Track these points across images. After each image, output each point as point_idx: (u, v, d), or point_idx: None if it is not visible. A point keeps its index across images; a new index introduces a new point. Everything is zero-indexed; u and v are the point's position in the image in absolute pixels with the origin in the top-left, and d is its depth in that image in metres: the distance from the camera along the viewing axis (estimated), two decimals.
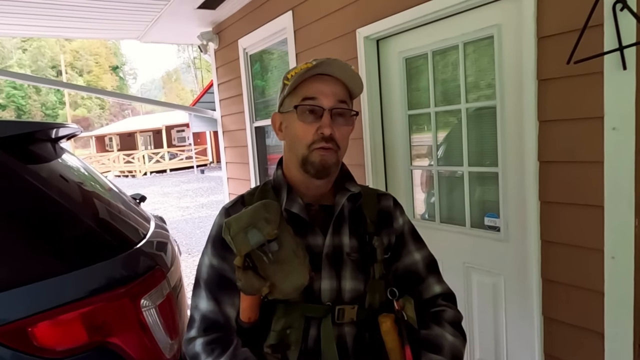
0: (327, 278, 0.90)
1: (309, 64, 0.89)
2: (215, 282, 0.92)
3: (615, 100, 1.36)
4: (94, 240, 1.42)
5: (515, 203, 1.78)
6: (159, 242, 1.72)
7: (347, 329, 0.90)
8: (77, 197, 1.58)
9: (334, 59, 0.89)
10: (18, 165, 1.39)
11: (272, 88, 3.49)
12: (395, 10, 2.07)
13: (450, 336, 0.91)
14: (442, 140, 2.14)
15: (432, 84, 2.07)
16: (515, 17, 1.66)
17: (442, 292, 1.00)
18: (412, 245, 1.02)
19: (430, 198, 2.26)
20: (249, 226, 0.81)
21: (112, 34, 4.31)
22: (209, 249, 0.95)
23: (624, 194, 1.36)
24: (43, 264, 1.30)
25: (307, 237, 0.91)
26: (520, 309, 1.82)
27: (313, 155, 0.89)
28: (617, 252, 1.40)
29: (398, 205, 1.05)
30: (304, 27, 2.78)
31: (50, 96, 38.49)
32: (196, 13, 3.54)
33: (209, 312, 0.91)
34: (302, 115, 0.90)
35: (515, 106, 1.72)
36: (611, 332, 1.45)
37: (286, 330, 0.87)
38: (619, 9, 1.29)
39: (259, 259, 0.83)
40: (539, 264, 1.65)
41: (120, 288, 1.35)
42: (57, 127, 1.63)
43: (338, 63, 0.89)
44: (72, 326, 1.26)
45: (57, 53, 39.35)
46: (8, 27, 3.68)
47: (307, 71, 0.89)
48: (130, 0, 3.14)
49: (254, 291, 0.82)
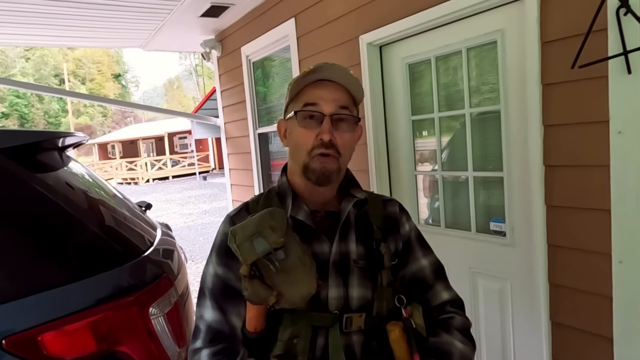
0: (335, 286, 0.89)
1: (307, 69, 0.89)
2: (220, 291, 0.91)
3: (620, 104, 1.36)
4: (102, 249, 1.42)
5: (520, 207, 1.78)
6: (166, 249, 1.72)
7: (355, 338, 0.89)
8: (83, 205, 1.59)
9: (333, 64, 0.89)
10: (26, 174, 1.40)
11: (275, 94, 3.50)
12: (398, 16, 2.08)
13: (460, 343, 0.90)
14: (446, 145, 2.14)
15: (436, 89, 2.07)
16: (518, 22, 1.67)
17: (450, 299, 0.98)
18: (419, 251, 1.01)
19: (434, 203, 2.26)
20: (255, 234, 0.80)
21: (115, 42, 4.34)
22: (214, 257, 0.93)
23: (630, 197, 1.36)
24: (51, 273, 1.31)
25: (313, 245, 0.90)
26: (527, 314, 1.81)
27: (313, 162, 0.88)
28: (624, 256, 1.40)
29: (404, 211, 1.04)
30: (307, 34, 2.80)
31: (53, 104, 38.68)
32: (199, 21, 3.56)
33: (215, 322, 0.90)
34: (302, 121, 0.89)
35: (519, 110, 1.72)
36: (620, 337, 1.44)
37: (293, 340, 0.85)
38: (623, 14, 1.29)
39: (266, 267, 0.81)
40: (545, 268, 1.65)
41: (128, 296, 1.35)
42: (65, 135, 1.64)
43: (337, 67, 0.89)
44: (81, 335, 1.26)
45: (59, 61, 39.59)
46: (12, 37, 3.71)
47: (305, 76, 0.89)
48: (133, 10, 3.16)
49: (260, 301, 0.81)
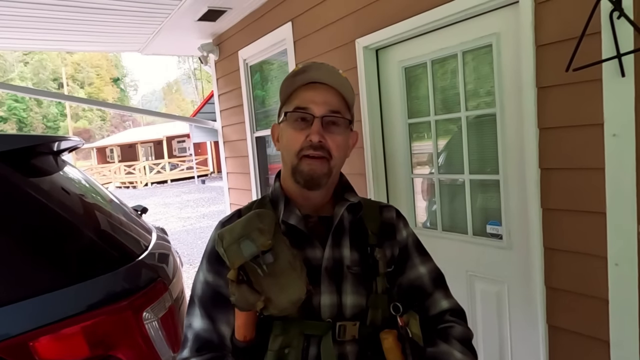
0: (327, 293, 0.85)
1: (297, 68, 0.88)
2: (209, 299, 0.88)
3: (614, 107, 1.36)
4: (96, 253, 1.42)
5: (517, 210, 1.78)
6: (161, 253, 1.72)
7: (349, 348, 0.85)
8: (78, 209, 1.58)
9: (321, 63, 0.88)
10: (20, 178, 1.40)
11: (272, 98, 3.51)
12: (394, 20, 2.09)
13: (459, 354, 0.85)
14: (442, 148, 2.14)
15: (432, 92, 2.08)
16: (513, 26, 1.68)
17: (450, 308, 0.94)
18: (417, 258, 0.97)
19: (431, 206, 2.26)
20: (242, 237, 0.76)
21: (114, 46, 4.34)
22: (204, 264, 0.91)
23: (626, 200, 1.36)
24: (45, 277, 1.30)
25: (305, 250, 0.87)
26: (524, 317, 1.81)
27: (301, 164, 0.86)
28: (620, 259, 1.40)
29: (401, 217, 1.01)
30: (304, 37, 2.81)
31: (52, 108, 38.70)
32: (197, 25, 3.57)
33: (203, 331, 0.87)
34: (293, 123, 0.88)
35: (515, 113, 1.72)
36: (617, 340, 1.44)
37: (284, 350, 0.81)
38: (616, 17, 1.30)
39: (254, 271, 0.78)
40: (542, 271, 1.65)
41: (122, 301, 1.35)
42: (59, 140, 1.64)
43: (326, 67, 0.88)
44: (74, 340, 1.26)
45: (58, 66, 39.64)
46: (10, 41, 3.71)
47: (295, 76, 0.88)
48: (131, 14, 3.17)
49: (248, 306, 0.77)
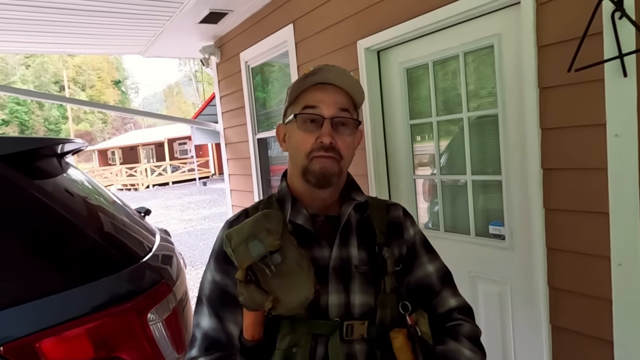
0: (335, 292, 0.86)
1: (308, 70, 0.88)
2: (217, 298, 0.89)
3: (616, 107, 1.36)
4: (100, 255, 1.42)
5: (519, 211, 1.78)
6: (165, 255, 1.72)
7: (358, 347, 0.85)
8: (82, 211, 1.59)
9: (332, 65, 0.88)
10: (24, 180, 1.41)
11: (274, 100, 3.52)
12: (396, 21, 2.09)
13: (468, 351, 0.86)
14: (444, 149, 2.15)
15: (434, 93, 2.08)
16: (514, 27, 1.68)
17: (458, 306, 0.95)
18: (425, 256, 0.97)
19: (434, 207, 2.26)
20: (250, 237, 0.77)
21: (115, 49, 4.36)
22: (212, 264, 0.91)
23: (629, 200, 1.36)
24: (49, 279, 1.30)
25: (312, 249, 0.87)
26: (527, 318, 1.81)
27: (313, 163, 0.86)
28: (623, 259, 1.40)
29: (408, 216, 1.01)
30: (305, 39, 2.81)
31: (53, 111, 38.77)
32: (198, 27, 3.58)
33: (211, 330, 0.87)
34: (302, 125, 0.88)
35: (517, 114, 1.72)
36: (620, 340, 1.44)
37: (292, 349, 0.82)
38: (618, 17, 1.30)
39: (261, 271, 0.78)
40: (545, 272, 1.65)
41: (127, 303, 1.35)
42: (63, 142, 1.64)
43: (337, 69, 0.88)
44: (79, 342, 1.26)
45: (59, 68, 39.72)
46: (12, 44, 3.73)
47: (305, 78, 0.87)
48: (132, 16, 3.18)
49: (256, 306, 0.78)
